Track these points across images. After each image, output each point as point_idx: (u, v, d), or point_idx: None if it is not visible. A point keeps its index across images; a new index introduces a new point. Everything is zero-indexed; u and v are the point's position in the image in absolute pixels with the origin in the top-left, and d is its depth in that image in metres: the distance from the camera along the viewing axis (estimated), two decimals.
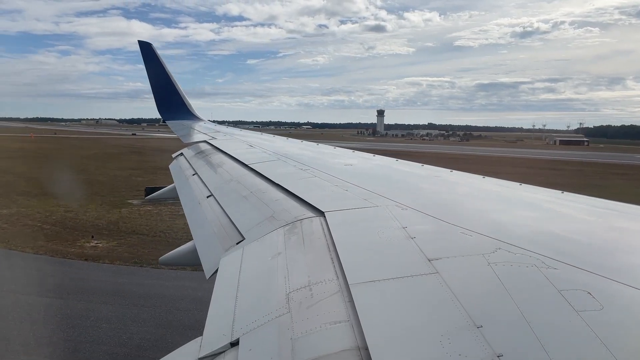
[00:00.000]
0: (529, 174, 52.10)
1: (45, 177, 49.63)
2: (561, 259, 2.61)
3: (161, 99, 18.17)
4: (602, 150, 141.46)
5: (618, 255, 2.87)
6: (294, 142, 11.66)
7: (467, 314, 2.11)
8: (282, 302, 2.57)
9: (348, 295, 2.45)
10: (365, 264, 2.85)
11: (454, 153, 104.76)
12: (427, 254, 2.78)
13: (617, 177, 63.97)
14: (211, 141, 11.45)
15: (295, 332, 2.25)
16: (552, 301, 2.19)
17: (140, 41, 17.43)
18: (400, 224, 3.40)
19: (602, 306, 2.12)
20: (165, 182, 13.04)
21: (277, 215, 4.24)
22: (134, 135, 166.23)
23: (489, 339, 1.92)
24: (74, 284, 20.29)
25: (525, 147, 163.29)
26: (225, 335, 2.46)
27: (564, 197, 4.67)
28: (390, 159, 7.82)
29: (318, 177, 5.64)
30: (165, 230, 29.24)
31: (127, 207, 36.64)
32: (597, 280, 2.37)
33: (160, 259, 5.81)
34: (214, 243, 4.32)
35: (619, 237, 3.37)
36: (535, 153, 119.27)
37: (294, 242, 3.47)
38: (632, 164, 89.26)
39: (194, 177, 7.86)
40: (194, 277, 19.27)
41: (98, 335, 15.48)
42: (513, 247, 2.80)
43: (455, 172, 6.21)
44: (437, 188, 5.35)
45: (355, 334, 2.12)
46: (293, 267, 3.01)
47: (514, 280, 2.41)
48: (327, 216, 3.78)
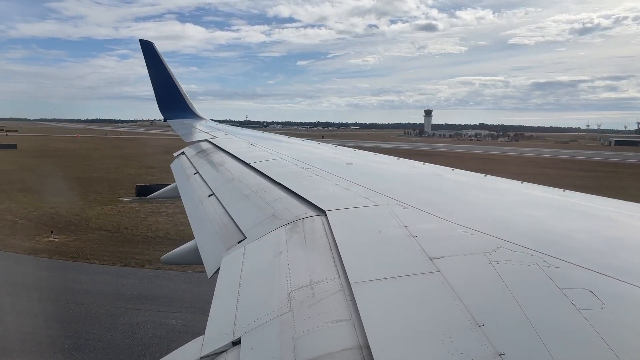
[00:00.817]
0: (551, 175, 50.77)
1: (57, 175, 51.30)
2: (563, 257, 2.61)
3: (162, 98, 18.17)
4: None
5: (620, 254, 2.86)
6: (296, 140, 11.66)
7: (468, 312, 2.11)
8: (283, 301, 2.57)
9: (349, 294, 2.45)
10: (366, 262, 2.85)
11: (487, 154, 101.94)
12: (428, 253, 2.78)
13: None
14: (212, 140, 11.45)
15: (296, 331, 2.25)
16: (554, 300, 2.18)
17: (141, 40, 17.44)
18: (402, 223, 3.39)
19: (604, 305, 2.11)
20: (166, 180, 13.09)
21: (278, 214, 4.25)
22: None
23: (490, 338, 1.92)
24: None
25: (574, 148, 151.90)
26: (227, 334, 2.46)
27: (566, 196, 4.66)
28: (391, 158, 7.81)
29: (319, 176, 5.64)
30: (130, 227, 29.73)
31: (113, 205, 37.26)
32: (599, 279, 2.36)
33: (162, 258, 5.83)
34: (215, 242, 4.33)
35: (621, 235, 3.36)
36: (580, 154, 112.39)
37: (296, 241, 3.47)
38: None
39: (195, 176, 7.87)
40: (101, 271, 20.59)
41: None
42: (515, 246, 2.79)
43: (456, 171, 6.21)
44: (439, 186, 5.34)
45: (356, 333, 2.12)
46: (294, 266, 3.01)
47: (516, 278, 2.40)
48: (329, 215, 3.78)
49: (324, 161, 7.49)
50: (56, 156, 78.06)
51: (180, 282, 20.58)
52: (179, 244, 5.62)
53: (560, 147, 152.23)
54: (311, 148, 9.96)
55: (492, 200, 4.57)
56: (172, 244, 13.38)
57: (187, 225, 5.52)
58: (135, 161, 70.59)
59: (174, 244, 14.90)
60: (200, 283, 19.07)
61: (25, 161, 66.90)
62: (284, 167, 6.71)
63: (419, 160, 7.40)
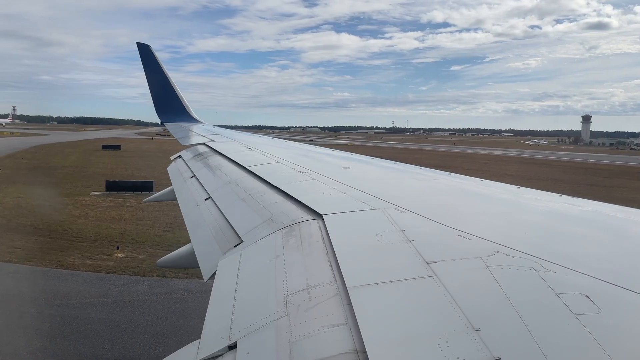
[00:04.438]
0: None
1: (79, 169, 54.92)
2: (559, 262, 2.61)
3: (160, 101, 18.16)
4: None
5: (616, 259, 2.87)
6: (294, 145, 11.66)
7: (465, 317, 2.11)
8: (280, 305, 2.57)
9: (346, 299, 2.44)
10: (363, 266, 2.85)
11: (623, 164, 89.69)
12: (425, 257, 2.78)
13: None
14: (210, 143, 11.44)
15: (293, 336, 2.25)
16: (550, 304, 2.19)
17: (138, 43, 17.44)
18: (399, 227, 3.40)
19: (600, 310, 2.12)
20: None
21: (275, 217, 4.24)
22: (311, 142, 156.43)
23: (487, 342, 1.92)
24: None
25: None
26: (223, 338, 2.45)
27: (562, 201, 4.67)
28: (388, 162, 7.82)
29: (316, 180, 5.64)
30: (62, 221, 29.48)
31: (80, 197, 37.85)
32: (596, 284, 2.37)
33: (158, 261, 5.81)
34: (212, 246, 4.32)
35: (617, 240, 3.37)
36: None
37: (292, 244, 3.46)
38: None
39: (192, 179, 7.85)
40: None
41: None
42: (511, 250, 2.80)
43: (453, 175, 6.22)
44: (436, 191, 5.35)
45: (353, 337, 2.11)
46: (291, 270, 3.00)
47: (512, 283, 2.41)
48: (326, 219, 3.78)
49: (321, 165, 7.49)
50: (117, 156, 79.40)
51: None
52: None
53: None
54: (308, 152, 9.96)
55: (489, 205, 4.58)
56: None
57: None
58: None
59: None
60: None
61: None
62: (281, 170, 6.71)
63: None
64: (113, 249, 23.47)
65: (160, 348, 13.99)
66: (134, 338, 14.68)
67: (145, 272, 20.41)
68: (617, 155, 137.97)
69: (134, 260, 21.99)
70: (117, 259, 22.02)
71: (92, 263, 21.40)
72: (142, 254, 23.02)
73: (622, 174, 69.98)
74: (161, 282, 19.48)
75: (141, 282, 19.44)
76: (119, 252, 22.77)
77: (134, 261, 21.81)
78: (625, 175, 68.27)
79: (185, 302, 17.48)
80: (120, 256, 22.38)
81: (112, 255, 22.52)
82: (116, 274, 20.14)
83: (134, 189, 39.91)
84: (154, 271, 20.28)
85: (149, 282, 19.45)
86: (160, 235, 26.56)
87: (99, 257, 22.30)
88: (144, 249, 23.92)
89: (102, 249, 23.50)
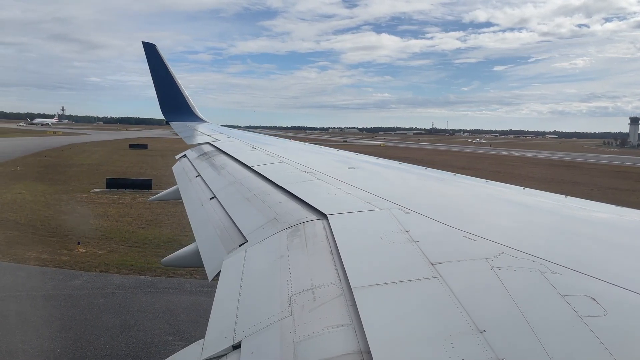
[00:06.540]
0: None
1: (95, 167, 55.93)
2: (565, 264, 2.60)
3: (165, 100, 18.21)
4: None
5: (622, 261, 2.85)
6: (298, 144, 11.67)
7: (470, 318, 2.10)
8: (284, 305, 2.57)
9: (351, 299, 2.44)
10: (368, 267, 2.85)
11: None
12: (430, 258, 2.77)
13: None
14: (215, 143, 11.47)
15: (297, 336, 2.25)
16: (555, 306, 2.18)
17: (144, 42, 17.49)
18: (403, 228, 3.39)
19: (606, 312, 2.10)
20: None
21: (279, 217, 4.24)
22: (345, 142, 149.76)
23: (492, 344, 1.91)
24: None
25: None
26: (228, 338, 2.45)
27: (567, 202, 4.65)
28: (394, 162, 7.81)
29: (321, 180, 5.64)
30: (46, 217, 29.61)
31: (80, 194, 38.34)
32: (601, 286, 2.35)
33: (163, 260, 5.82)
34: (216, 245, 4.33)
35: (623, 242, 3.35)
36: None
37: (297, 244, 3.46)
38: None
39: (197, 178, 7.88)
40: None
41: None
42: (517, 252, 2.79)
43: (458, 176, 6.20)
44: (441, 192, 5.34)
45: (357, 338, 2.11)
46: (296, 270, 3.01)
47: (518, 285, 2.40)
48: (330, 219, 3.78)
49: (326, 165, 7.49)
50: (140, 154, 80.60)
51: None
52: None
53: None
54: (313, 152, 9.96)
55: (494, 206, 4.56)
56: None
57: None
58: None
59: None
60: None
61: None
62: (285, 170, 6.72)
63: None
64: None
65: (48, 342, 13.23)
66: (28, 332, 13.91)
67: (92, 267, 20.34)
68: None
69: (91, 255, 21.96)
70: (76, 254, 21.96)
71: (47, 257, 21.33)
72: (104, 249, 23.03)
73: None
74: (100, 277, 19.35)
75: (80, 277, 19.27)
76: (79, 247, 22.73)
77: (90, 256, 21.75)
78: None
79: (110, 298, 17.32)
80: (81, 251, 22.31)
81: (74, 250, 22.43)
82: (62, 269, 19.98)
83: (133, 187, 40.32)
84: (101, 266, 20.31)
85: (88, 277, 19.30)
86: (134, 232, 26.64)
87: (59, 252, 22.23)
88: (108, 244, 23.94)
89: (67, 244, 23.46)
